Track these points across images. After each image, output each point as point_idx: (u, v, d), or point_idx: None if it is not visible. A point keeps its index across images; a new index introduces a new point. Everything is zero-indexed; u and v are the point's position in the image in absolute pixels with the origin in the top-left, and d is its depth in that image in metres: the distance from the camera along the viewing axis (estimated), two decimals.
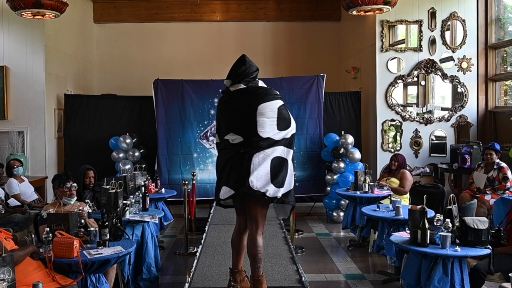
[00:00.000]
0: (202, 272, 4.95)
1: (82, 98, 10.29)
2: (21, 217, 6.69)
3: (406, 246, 4.67)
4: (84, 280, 4.15)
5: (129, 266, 5.54)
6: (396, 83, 9.60)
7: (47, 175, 9.32)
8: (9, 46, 9.34)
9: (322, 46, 12.30)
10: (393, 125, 9.64)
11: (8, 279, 3.33)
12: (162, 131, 9.54)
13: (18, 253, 3.88)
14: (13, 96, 9.36)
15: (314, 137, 9.63)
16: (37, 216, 5.31)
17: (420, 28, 9.53)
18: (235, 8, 12.33)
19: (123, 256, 4.53)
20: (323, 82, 9.62)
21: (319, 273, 6.33)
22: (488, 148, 7.66)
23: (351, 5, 7.26)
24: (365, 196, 7.27)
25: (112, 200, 5.22)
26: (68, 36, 10.70)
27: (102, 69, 12.32)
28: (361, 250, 7.32)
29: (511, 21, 9.56)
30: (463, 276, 4.40)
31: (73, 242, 4.13)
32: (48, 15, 7.37)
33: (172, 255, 7.28)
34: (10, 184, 7.40)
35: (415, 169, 9.45)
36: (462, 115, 9.57)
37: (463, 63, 9.51)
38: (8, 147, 9.24)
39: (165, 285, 5.97)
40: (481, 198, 7.31)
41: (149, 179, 7.59)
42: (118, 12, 12.30)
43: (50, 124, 9.70)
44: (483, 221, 4.56)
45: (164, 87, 9.55)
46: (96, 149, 9.66)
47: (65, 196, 5.24)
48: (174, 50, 12.25)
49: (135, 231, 5.66)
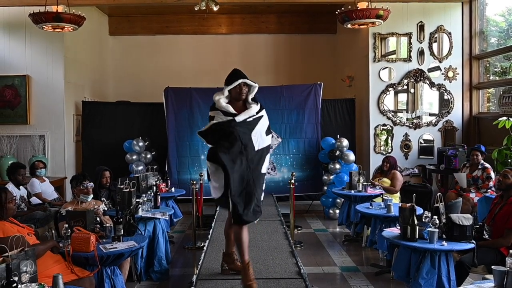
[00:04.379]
0: (209, 265, 4.95)
1: (98, 104, 10.31)
2: (42, 214, 6.69)
3: (397, 241, 4.66)
4: (100, 272, 4.16)
5: (142, 259, 5.55)
6: (388, 91, 9.59)
7: (66, 175, 9.33)
8: (31, 56, 9.37)
9: (319, 57, 12.30)
10: (384, 130, 9.63)
11: (31, 271, 3.33)
12: (172, 135, 9.55)
13: (40, 247, 3.89)
14: (35, 103, 9.38)
15: (312, 140, 9.64)
16: (57, 214, 5.32)
17: (409, 40, 9.53)
18: (239, 22, 12.35)
19: (136, 250, 4.53)
20: (320, 90, 9.63)
21: (317, 265, 6.32)
22: (474, 149, 7.65)
23: (346, 19, 7.26)
24: (359, 195, 7.27)
25: (126, 198, 5.23)
26: (85, 48, 10.72)
27: (117, 78, 12.34)
28: (355, 244, 7.31)
29: (493, 33, 9.57)
30: (449, 269, 4.39)
31: (90, 237, 4.13)
32: (67, 28, 7.37)
33: (181, 249, 7.28)
34: (33, 184, 7.41)
35: (405, 170, 9.44)
36: (448, 120, 9.56)
37: (449, 72, 9.50)
38: (30, 149, 9.27)
39: (175, 277, 5.96)
40: (466, 196, 7.29)
41: (160, 179, 7.59)
42: (132, 25, 12.32)
43: (69, 129, 9.72)
44: (467, 218, 4.55)
45: (174, 94, 9.56)
46: (111, 151, 9.67)
47: (82, 193, 5.26)
48: (183, 60, 12.26)
49: (147, 227, 5.66)
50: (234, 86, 4.40)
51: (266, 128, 4.56)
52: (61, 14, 7.09)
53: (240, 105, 4.50)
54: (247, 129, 4.38)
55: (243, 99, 4.51)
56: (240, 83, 4.41)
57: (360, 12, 7.07)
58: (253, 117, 4.46)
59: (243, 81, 4.41)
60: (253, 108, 4.48)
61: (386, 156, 7.95)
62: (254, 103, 4.54)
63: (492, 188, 7.22)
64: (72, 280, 3.88)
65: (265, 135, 4.53)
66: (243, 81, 4.41)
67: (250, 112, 4.45)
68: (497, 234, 4.78)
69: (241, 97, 4.48)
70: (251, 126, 4.41)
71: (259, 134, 4.44)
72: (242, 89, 4.43)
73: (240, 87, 4.42)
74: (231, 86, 4.40)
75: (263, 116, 4.57)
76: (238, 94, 4.44)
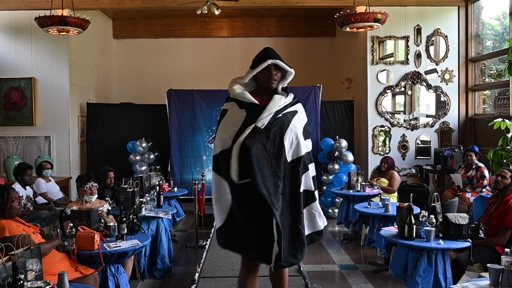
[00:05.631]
0: (211, 263, 4.96)
1: (102, 106, 10.32)
2: (47, 213, 6.69)
3: (394, 239, 4.66)
4: (104, 270, 4.15)
5: (145, 257, 5.55)
6: (385, 93, 9.59)
7: (71, 175, 9.34)
8: (37, 59, 9.38)
9: (318, 60, 12.30)
10: (382, 131, 9.63)
11: (36, 269, 3.33)
12: (175, 136, 9.55)
13: (45, 246, 3.89)
14: (40, 105, 9.39)
15: (312, 141, 9.60)
16: (62, 213, 5.32)
17: (407, 43, 9.53)
18: (240, 25, 12.36)
19: (140, 249, 4.53)
20: (320, 92, 9.63)
21: (316, 264, 6.31)
22: (468, 150, 7.67)
23: (345, 23, 7.26)
24: (358, 195, 7.26)
25: (130, 198, 5.23)
26: (90, 51, 10.73)
27: (121, 80, 12.35)
28: (354, 243, 7.30)
29: (489, 37, 9.56)
30: (446, 267, 4.39)
31: (94, 236, 4.13)
32: (72, 31, 7.38)
33: (184, 247, 7.28)
34: (38, 183, 7.41)
35: (403, 170, 9.44)
36: (445, 121, 9.56)
37: (446, 75, 9.49)
38: (36, 150, 9.27)
39: (178, 275, 5.96)
40: (462, 196, 7.30)
41: (163, 179, 7.59)
42: (135, 29, 12.34)
43: (74, 130, 9.72)
44: (463, 217, 4.55)
45: (177, 96, 9.57)
46: (115, 152, 9.67)
47: (86, 194, 5.26)
48: (185, 63, 12.27)
49: (150, 226, 5.66)
50: (262, 68, 3.18)
51: (302, 129, 3.33)
52: (66, 18, 7.11)
53: (268, 98, 3.24)
54: (274, 129, 3.15)
55: (274, 87, 3.27)
56: (270, 65, 3.19)
57: (358, 16, 7.08)
58: (284, 111, 3.21)
59: (274, 62, 3.19)
60: (281, 99, 3.24)
61: (384, 157, 7.95)
62: (284, 94, 3.32)
63: (487, 187, 7.23)
64: (76, 278, 3.87)
65: (303, 138, 3.31)
66: (274, 62, 3.19)
67: (277, 103, 3.20)
68: (492, 233, 4.79)
69: (271, 85, 3.24)
70: (279, 125, 3.17)
71: (293, 136, 3.21)
72: (272, 72, 3.22)
73: (269, 69, 3.21)
74: (258, 69, 3.19)
75: (298, 111, 3.33)
76: (266, 80, 3.23)
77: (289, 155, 3.15)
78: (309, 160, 3.30)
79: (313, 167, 3.33)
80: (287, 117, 3.20)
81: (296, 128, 3.22)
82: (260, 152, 3.03)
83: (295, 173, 3.15)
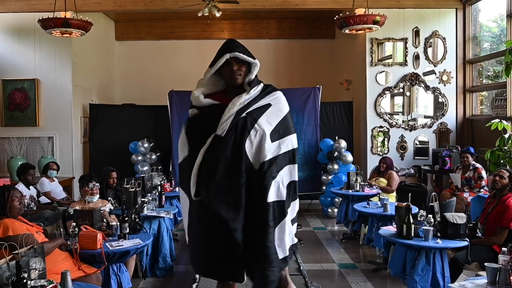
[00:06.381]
0: None
1: (105, 107, 10.32)
2: (51, 213, 6.69)
3: (393, 238, 4.67)
4: (107, 269, 4.16)
5: (147, 256, 5.54)
6: (384, 94, 9.59)
7: (74, 175, 9.34)
8: (40, 61, 9.38)
9: (318, 61, 12.30)
10: (381, 131, 9.63)
11: (39, 268, 3.33)
12: (176, 136, 9.51)
13: (48, 245, 3.90)
14: (43, 106, 9.39)
15: (311, 142, 9.62)
16: (65, 212, 5.32)
17: (405, 45, 9.53)
18: (241, 27, 12.36)
19: (141, 248, 4.54)
20: (319, 93, 9.62)
21: (316, 262, 6.31)
22: (464, 152, 7.66)
23: (344, 25, 7.27)
24: (357, 194, 7.26)
25: (132, 198, 5.22)
26: (92, 52, 10.73)
27: (123, 82, 12.35)
28: (353, 242, 7.30)
29: (486, 39, 9.56)
30: (444, 266, 4.40)
31: (97, 235, 4.13)
32: (75, 33, 7.39)
33: (185, 246, 7.26)
34: (42, 183, 7.41)
35: (401, 170, 9.44)
36: (443, 122, 9.56)
37: (444, 76, 9.50)
38: (39, 150, 9.27)
39: (179, 273, 5.96)
40: (460, 196, 7.29)
41: (164, 179, 7.59)
42: (137, 31, 12.35)
43: (77, 130, 9.72)
44: (461, 217, 4.55)
45: (178, 97, 9.56)
46: (117, 152, 9.66)
47: (87, 195, 5.26)
48: (186, 64, 12.24)
49: (152, 226, 5.66)
50: (222, 64, 2.89)
51: (276, 125, 2.84)
52: (69, 20, 7.12)
53: (237, 95, 2.89)
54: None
55: (239, 83, 2.91)
56: (230, 59, 2.86)
57: (357, 18, 7.09)
58: (250, 109, 2.81)
59: (233, 55, 2.84)
60: (241, 97, 2.82)
61: (383, 157, 7.95)
62: (248, 89, 2.89)
63: (485, 187, 7.23)
64: (79, 277, 3.87)
65: (277, 137, 2.81)
66: (233, 56, 2.84)
67: (237, 103, 2.80)
68: (489, 232, 4.78)
69: (235, 81, 2.90)
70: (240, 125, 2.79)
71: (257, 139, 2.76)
72: (233, 67, 2.87)
73: (230, 64, 2.88)
74: (216, 67, 2.92)
75: (271, 104, 2.88)
76: (229, 77, 2.92)
77: (255, 161, 2.72)
78: (287, 161, 2.82)
79: (295, 170, 2.85)
80: (252, 116, 2.80)
81: (262, 127, 2.77)
82: (219, 165, 2.71)
83: (261, 181, 2.69)
